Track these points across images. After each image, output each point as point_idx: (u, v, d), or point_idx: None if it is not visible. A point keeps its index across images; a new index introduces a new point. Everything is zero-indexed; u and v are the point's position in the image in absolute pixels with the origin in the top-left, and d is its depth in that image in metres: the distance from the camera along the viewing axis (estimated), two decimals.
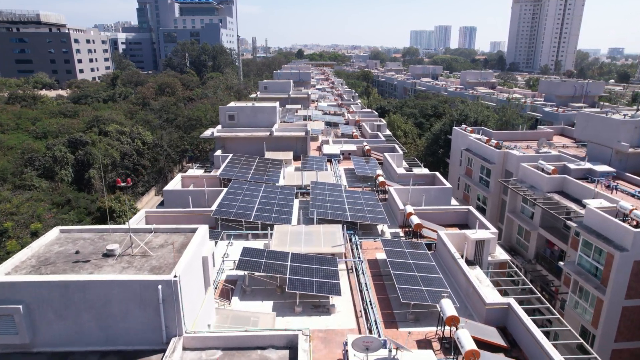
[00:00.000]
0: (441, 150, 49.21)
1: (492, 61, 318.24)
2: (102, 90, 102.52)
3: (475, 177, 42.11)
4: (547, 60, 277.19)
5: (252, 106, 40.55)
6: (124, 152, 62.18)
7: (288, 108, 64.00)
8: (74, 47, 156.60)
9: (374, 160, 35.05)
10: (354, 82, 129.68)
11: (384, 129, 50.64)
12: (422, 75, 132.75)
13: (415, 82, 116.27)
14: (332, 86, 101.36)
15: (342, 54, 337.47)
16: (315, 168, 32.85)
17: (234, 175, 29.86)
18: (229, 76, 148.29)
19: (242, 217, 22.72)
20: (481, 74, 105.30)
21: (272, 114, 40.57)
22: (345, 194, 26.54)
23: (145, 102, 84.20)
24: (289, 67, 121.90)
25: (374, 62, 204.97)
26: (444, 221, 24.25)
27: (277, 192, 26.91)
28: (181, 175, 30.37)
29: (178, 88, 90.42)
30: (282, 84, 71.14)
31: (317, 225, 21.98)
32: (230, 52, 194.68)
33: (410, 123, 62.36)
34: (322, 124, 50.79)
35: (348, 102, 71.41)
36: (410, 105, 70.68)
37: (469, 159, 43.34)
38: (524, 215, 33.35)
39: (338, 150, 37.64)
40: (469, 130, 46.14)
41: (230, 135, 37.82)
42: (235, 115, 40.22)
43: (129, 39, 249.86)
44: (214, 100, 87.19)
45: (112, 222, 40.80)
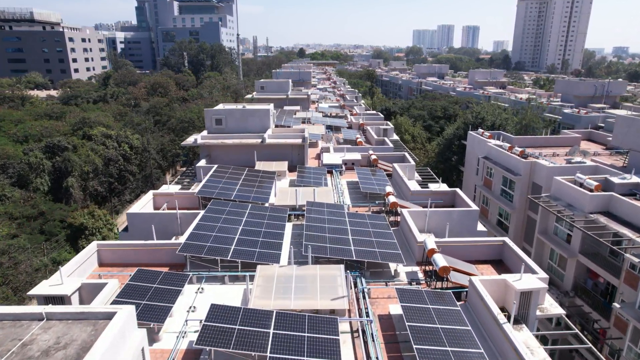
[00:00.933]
0: (455, 157, 44.29)
1: (497, 60, 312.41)
2: (93, 91, 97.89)
3: (495, 189, 37.12)
4: (553, 59, 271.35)
5: (242, 109, 35.69)
6: (109, 158, 57.44)
7: (286, 110, 59.16)
8: (68, 46, 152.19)
9: (381, 173, 30.12)
10: (356, 82, 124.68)
11: (391, 134, 45.67)
12: (428, 75, 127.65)
13: (421, 81, 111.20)
14: (334, 86, 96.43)
15: (345, 53, 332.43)
16: (313, 182, 27.94)
17: (215, 192, 24.99)
18: (228, 76, 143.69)
19: (217, 253, 17.83)
20: (490, 73, 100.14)
21: (265, 117, 35.71)
22: (348, 218, 21.62)
23: (136, 103, 79.53)
24: (289, 66, 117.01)
25: (377, 61, 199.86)
26: (474, 256, 19.32)
27: (266, 216, 22.02)
28: (153, 193, 25.50)
29: (171, 88, 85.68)
30: (280, 83, 66.27)
31: (312, 266, 17.08)
32: (230, 52, 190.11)
33: (418, 126, 57.38)
34: (323, 127, 45.90)
35: (351, 103, 66.51)
36: (417, 107, 65.67)
37: (488, 168, 38.35)
38: (558, 237, 28.36)
39: (340, 160, 32.73)
40: (486, 135, 41.14)
41: (216, 142, 32.96)
42: (223, 119, 35.38)
43: (127, 38, 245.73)
44: (209, 101, 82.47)
45: (84, 242, 36.04)
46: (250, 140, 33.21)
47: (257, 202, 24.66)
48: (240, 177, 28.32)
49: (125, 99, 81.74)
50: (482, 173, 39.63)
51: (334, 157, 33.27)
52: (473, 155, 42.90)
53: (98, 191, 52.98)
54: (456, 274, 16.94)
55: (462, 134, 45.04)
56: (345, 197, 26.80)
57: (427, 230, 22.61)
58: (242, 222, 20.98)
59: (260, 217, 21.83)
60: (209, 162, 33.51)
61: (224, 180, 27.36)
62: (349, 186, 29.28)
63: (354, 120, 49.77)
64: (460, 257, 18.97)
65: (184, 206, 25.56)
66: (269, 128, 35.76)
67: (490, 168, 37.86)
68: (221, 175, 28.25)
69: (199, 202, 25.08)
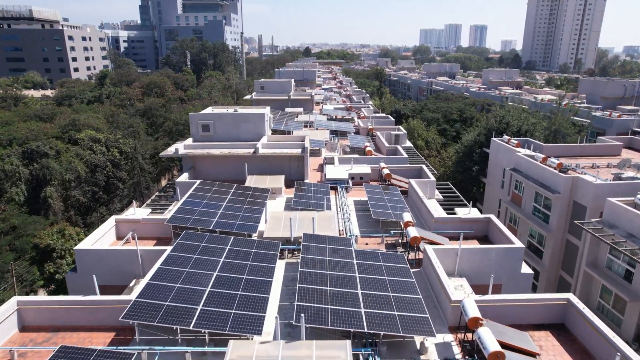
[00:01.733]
0: (476, 167, 39.15)
1: (507, 60, 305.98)
2: (89, 91, 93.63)
3: (526, 206, 31.97)
4: (565, 58, 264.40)
5: (232, 113, 30.84)
6: (95, 164, 52.91)
7: (287, 112, 54.35)
8: (67, 44, 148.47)
9: (395, 191, 25.15)
10: (364, 82, 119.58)
11: (404, 140, 40.67)
12: (438, 74, 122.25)
13: (432, 81, 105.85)
14: (340, 86, 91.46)
15: (351, 53, 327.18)
16: (313, 205, 23.01)
17: (190, 220, 20.15)
18: (231, 75, 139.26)
19: (177, 319, 12.98)
20: (505, 72, 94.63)
21: (260, 123, 30.85)
22: (356, 260, 16.69)
23: (130, 104, 75.01)
24: (293, 65, 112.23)
25: (384, 60, 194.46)
26: (526, 318, 14.32)
27: (251, 255, 17.14)
28: (115, 220, 20.71)
29: (168, 88, 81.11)
30: (282, 83, 61.46)
31: (306, 342, 12.16)
32: (234, 50, 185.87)
33: (433, 130, 52.20)
34: (327, 133, 40.98)
35: (358, 105, 61.51)
36: (431, 109, 60.46)
37: (517, 182, 33.22)
38: (613, 273, 23.25)
39: (346, 174, 27.78)
40: (513, 143, 35.99)
41: (200, 153, 28.14)
42: (211, 125, 30.57)
43: (131, 36, 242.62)
44: (207, 101, 77.77)
45: (50, 266, 31.39)
46: (241, 150, 28.36)
47: (243, 232, 19.78)
48: (226, 197, 23.48)
49: (117, 100, 77.29)
50: (509, 187, 34.49)
51: (339, 170, 28.33)
52: (497, 165, 37.77)
53: (81, 202, 48.42)
54: (513, 357, 11.92)
55: (484, 140, 39.92)
56: (353, 224, 21.87)
57: (457, 272, 17.65)
58: (219, 266, 16.11)
59: (244, 257, 16.95)
60: (193, 176, 28.73)
61: (205, 201, 22.52)
62: (357, 207, 24.34)
63: (361, 125, 44.79)
64: (509, 320, 14.00)
65: (154, 235, 20.80)
66: (263, 135, 30.89)
67: (519, 182, 32.72)
68: (203, 194, 23.42)
69: (172, 232, 20.26)
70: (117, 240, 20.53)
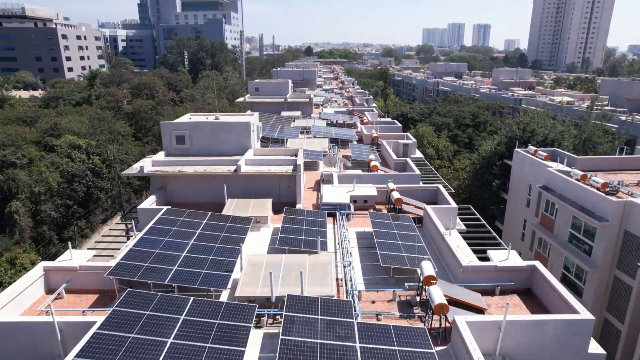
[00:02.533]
0: (496, 181, 34.09)
1: (513, 59, 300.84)
2: (77, 92, 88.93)
3: (561, 233, 27.00)
4: (573, 57, 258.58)
5: (212, 122, 25.95)
6: (73, 173, 48.19)
7: (284, 116, 49.49)
8: (61, 43, 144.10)
9: (408, 222, 20.23)
10: (366, 82, 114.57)
11: (413, 150, 35.72)
12: (444, 74, 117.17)
13: (438, 81, 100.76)
14: (342, 86, 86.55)
15: (354, 52, 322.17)
16: (305, 244, 18.09)
17: (141, 270, 15.27)
18: (230, 75, 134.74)
19: None
20: (517, 72, 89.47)
21: (244, 134, 25.97)
22: (359, 344, 11.76)
23: (117, 107, 70.25)
24: (293, 65, 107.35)
25: (388, 59, 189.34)
26: None
27: (212, 330, 12.26)
28: (44, 267, 15.85)
29: (159, 89, 76.30)
30: (278, 84, 56.60)
31: None
32: (234, 50, 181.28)
33: (444, 137, 47.18)
34: (326, 142, 36.07)
35: (361, 108, 56.57)
36: (441, 113, 55.37)
37: (548, 202, 28.24)
38: None
39: (347, 196, 22.87)
40: (541, 155, 31.01)
41: (170, 171, 23.28)
42: (187, 136, 25.72)
43: (129, 35, 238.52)
44: (200, 103, 73.00)
45: None
46: (220, 168, 23.47)
47: (208, 289, 14.89)
48: (196, 231, 18.63)
49: (105, 102, 72.54)
50: (538, 207, 29.51)
51: (339, 192, 23.42)
52: (521, 180, 32.78)
53: (52, 217, 43.68)
54: None
55: (505, 151, 34.90)
56: (355, 270, 16.98)
57: (499, 352, 12.76)
58: (164, 351, 11.25)
59: (202, 333, 12.05)
60: (163, 199, 23.89)
61: (167, 238, 17.67)
62: (361, 243, 19.45)
63: (365, 132, 39.87)
64: None
65: (95, 287, 15.96)
66: (249, 148, 26.01)
67: (552, 203, 27.74)
68: (167, 227, 18.57)
69: (116, 287, 15.39)
70: (47, 294, 15.70)
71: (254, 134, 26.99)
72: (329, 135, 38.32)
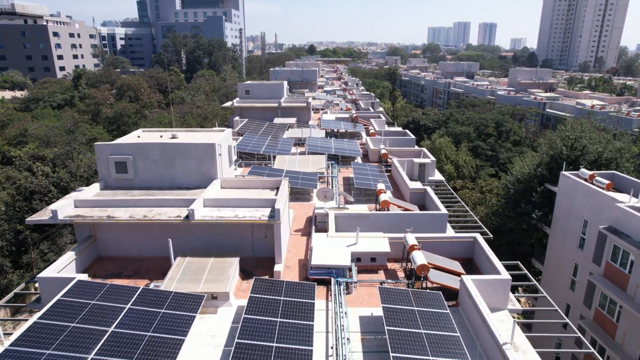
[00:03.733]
0: (536, 212, 26.77)
1: (522, 58, 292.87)
2: (59, 93, 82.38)
3: (638, 293, 19.90)
4: (585, 56, 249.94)
5: (164, 144, 19.00)
6: (32, 190, 41.54)
7: (277, 124, 42.72)
8: (52, 41, 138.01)
9: (437, 300, 13.25)
10: (372, 82, 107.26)
11: (432, 171, 28.65)
12: (455, 74, 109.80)
13: (449, 82, 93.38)
14: (345, 87, 79.47)
15: (358, 50, 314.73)
16: (277, 355, 11.16)
17: None
18: (228, 74, 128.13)
19: None
20: (536, 72, 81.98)
21: (207, 160, 19.01)
22: None
23: (97, 110, 63.61)
24: (293, 64, 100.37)
25: (394, 58, 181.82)
26: None
27: None
28: None
29: (143, 91, 69.55)
30: (272, 87, 49.63)
31: None
32: (234, 48, 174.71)
33: (464, 150, 39.92)
34: (323, 160, 29.09)
35: (366, 114, 49.47)
36: (459, 120, 47.99)
37: (617, 249, 21.13)
38: None
39: (347, 256, 15.87)
40: (602, 183, 23.89)
41: (97, 217, 16.32)
42: (129, 162, 18.82)
43: (128, 34, 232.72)
44: (188, 106, 66.19)
45: None
46: (167, 211, 16.51)
47: None
48: (108, 328, 11.73)
49: (83, 105, 65.89)
50: (601, 253, 22.42)
51: (336, 247, 16.41)
52: (572, 213, 25.66)
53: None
54: None
55: (547, 173, 27.72)
56: None
57: None
58: None
59: None
60: (92, 252, 16.96)
61: (55, 343, 10.79)
62: (367, 341, 12.53)
63: (371, 146, 32.82)
64: None
65: None
66: (214, 179, 19.07)
67: (624, 252, 20.63)
68: (65, 323, 11.70)
69: None
70: None
71: (223, 158, 20.02)
72: (327, 151, 31.31)
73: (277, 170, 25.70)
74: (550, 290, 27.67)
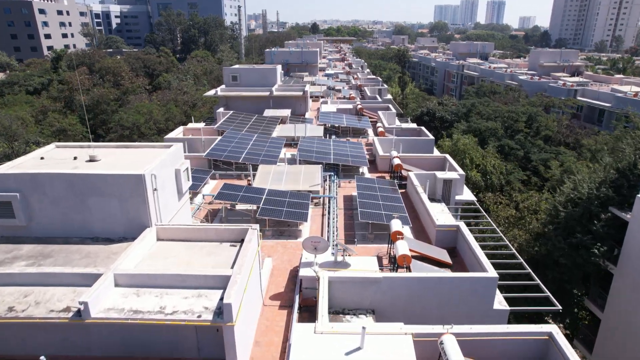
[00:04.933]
0: (599, 246, 20.15)
1: (534, 37, 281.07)
2: (37, 76, 75.41)
3: None
4: (601, 35, 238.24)
5: (66, 175, 12.43)
6: None
7: (267, 117, 36.17)
8: (38, 19, 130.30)
9: None
10: (378, 64, 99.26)
11: (460, 188, 21.98)
12: (468, 55, 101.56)
13: (463, 64, 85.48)
14: (349, 71, 72.03)
15: (363, 29, 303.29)
16: None
17: None
18: (225, 55, 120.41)
19: None
20: (561, 53, 73.96)
21: (134, 199, 12.41)
22: None
23: (71, 97, 56.81)
24: (294, 44, 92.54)
25: (401, 37, 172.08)
26: None
27: None
28: None
29: (124, 75, 62.47)
30: (263, 72, 42.60)
31: None
32: (232, 27, 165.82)
33: (492, 152, 32.82)
34: (318, 172, 22.46)
35: (373, 104, 42.44)
36: (483, 113, 40.51)
37: None
38: None
39: None
40: None
41: None
42: (16, 202, 12.31)
43: (124, 11, 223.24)
44: (174, 93, 59.20)
45: None
46: (52, 300, 10.09)
47: None
48: None
49: (56, 90, 59.07)
50: None
51: (329, 355, 10.00)
52: None
53: None
54: None
55: (613, 194, 20.98)
56: None
57: None
58: None
59: None
60: None
61: None
62: None
63: (380, 151, 26.06)
64: None
65: None
66: (146, 227, 12.60)
67: None
68: None
69: None
70: None
71: (164, 192, 13.44)
72: (324, 159, 24.61)
73: (255, 191, 19.16)
74: (611, 345, 21.33)
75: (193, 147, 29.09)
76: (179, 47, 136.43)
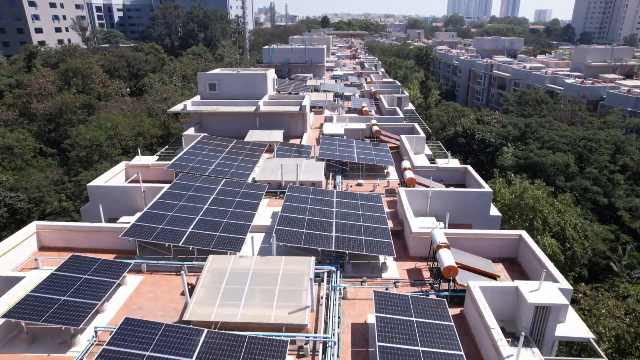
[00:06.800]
0: None
1: (556, 31, 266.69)
2: (6, 76, 66.45)
3: None
4: (630, 28, 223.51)
5: None
6: None
7: (249, 143, 26.54)
8: (28, 11, 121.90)
9: None
10: (393, 61, 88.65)
11: (563, 316, 12.01)
12: (494, 52, 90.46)
13: (492, 63, 74.53)
14: (361, 71, 61.81)
15: (375, 22, 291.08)
16: None
17: None
18: (227, 51, 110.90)
19: None
20: (612, 51, 62.70)
21: None
22: None
23: (26, 105, 47.48)
24: (299, 39, 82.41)
25: (416, 31, 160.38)
26: None
27: None
28: None
29: (95, 77, 52.99)
30: (250, 79, 32.60)
31: None
32: (236, 20, 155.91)
33: (569, 202, 22.22)
34: (306, 275, 12.61)
35: (393, 123, 32.28)
36: (544, 138, 29.32)
37: None
38: None
39: None
40: None
41: None
42: None
43: (126, 5, 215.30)
44: (155, 98, 49.39)
45: None
46: None
47: None
48: None
49: (12, 97, 49.84)
50: None
51: None
52: None
53: None
54: None
55: None
56: None
57: None
58: None
59: None
60: None
61: None
62: None
63: (413, 224, 16.05)
64: None
65: None
66: None
67: None
68: None
69: None
70: None
71: None
72: (321, 241, 14.71)
73: (183, 339, 9.39)
74: None
75: (130, 201, 19.30)
76: (177, 42, 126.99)
